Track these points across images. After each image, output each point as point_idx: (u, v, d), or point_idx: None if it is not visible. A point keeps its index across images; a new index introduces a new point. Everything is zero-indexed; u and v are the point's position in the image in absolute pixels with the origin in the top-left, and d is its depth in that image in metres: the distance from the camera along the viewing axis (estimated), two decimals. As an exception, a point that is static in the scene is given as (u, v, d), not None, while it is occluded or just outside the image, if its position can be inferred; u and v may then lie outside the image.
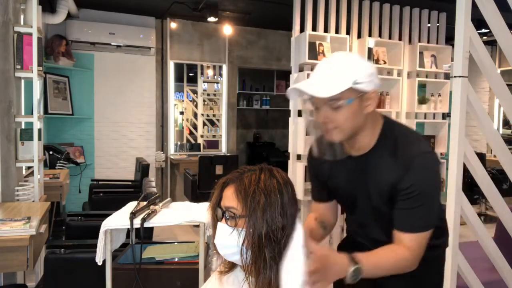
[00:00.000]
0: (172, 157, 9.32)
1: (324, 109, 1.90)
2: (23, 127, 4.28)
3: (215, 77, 10.34)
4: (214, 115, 10.26)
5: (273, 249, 1.57)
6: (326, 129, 1.95)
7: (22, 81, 4.37)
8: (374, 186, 2.04)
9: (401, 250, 1.95)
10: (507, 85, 3.25)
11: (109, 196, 6.25)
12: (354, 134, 1.99)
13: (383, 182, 1.99)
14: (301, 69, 6.29)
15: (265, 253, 1.56)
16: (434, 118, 7.23)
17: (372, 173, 2.05)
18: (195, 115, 10.45)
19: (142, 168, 7.26)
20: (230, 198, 1.62)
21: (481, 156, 8.29)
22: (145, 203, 3.19)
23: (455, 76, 2.88)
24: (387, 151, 2.00)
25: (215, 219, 1.67)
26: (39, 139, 4.21)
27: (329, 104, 1.87)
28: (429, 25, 7.09)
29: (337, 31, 6.49)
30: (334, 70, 1.88)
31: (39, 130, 4.22)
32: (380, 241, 2.06)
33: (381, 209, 2.07)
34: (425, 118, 7.20)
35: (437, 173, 1.99)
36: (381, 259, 1.94)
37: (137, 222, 2.89)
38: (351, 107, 1.88)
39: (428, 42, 7.08)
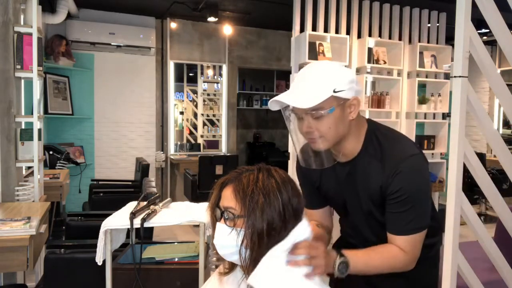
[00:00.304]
0: (172, 157, 9.33)
1: (307, 119, 1.89)
2: (23, 127, 4.28)
3: (215, 77, 10.34)
4: (214, 115, 10.26)
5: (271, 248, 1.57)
6: (311, 139, 1.95)
7: (22, 81, 4.37)
8: (363, 191, 2.05)
9: (396, 250, 1.96)
10: (507, 85, 3.25)
11: (109, 196, 6.25)
12: (339, 141, 1.98)
13: (372, 187, 2.00)
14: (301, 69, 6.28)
15: (264, 253, 1.56)
16: (434, 118, 7.23)
17: (360, 179, 2.05)
18: (195, 115, 10.46)
19: (142, 168, 7.26)
20: (228, 198, 1.61)
21: (481, 156, 8.30)
22: (145, 203, 3.19)
23: (455, 76, 2.87)
24: (373, 156, 2.01)
25: (214, 219, 1.67)
26: (39, 139, 4.21)
27: (311, 114, 1.87)
28: (429, 25, 7.09)
29: (337, 31, 6.50)
30: (313, 79, 1.88)
31: (39, 130, 4.22)
32: (372, 242, 2.08)
33: (373, 213, 2.08)
34: (425, 118, 7.20)
35: (425, 174, 2.00)
36: (373, 257, 1.96)
37: (137, 222, 2.89)
38: (333, 115, 1.88)
39: (428, 42, 7.08)
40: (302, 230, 1.65)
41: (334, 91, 1.83)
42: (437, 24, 7.16)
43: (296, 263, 1.61)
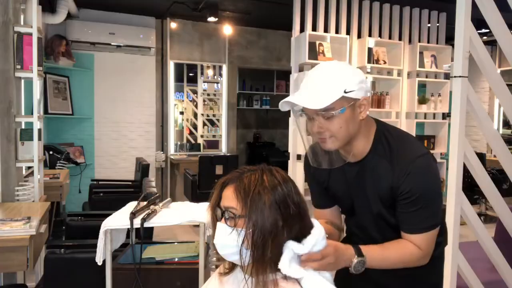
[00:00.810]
0: (172, 157, 9.33)
1: (318, 119, 1.91)
2: (23, 127, 4.28)
3: (215, 77, 10.34)
4: (214, 115, 10.26)
5: (273, 249, 1.58)
6: (322, 139, 1.96)
7: (22, 81, 4.37)
8: (373, 191, 2.06)
9: (411, 246, 1.97)
10: (507, 85, 3.25)
11: (109, 196, 6.26)
12: (349, 141, 1.99)
13: (382, 187, 2.01)
14: (301, 69, 6.31)
15: (265, 253, 1.56)
16: (434, 118, 7.25)
17: (370, 179, 2.06)
18: (195, 115, 10.44)
19: (142, 168, 7.26)
20: (229, 198, 1.62)
21: (481, 156, 8.30)
22: (145, 203, 3.19)
23: (455, 76, 2.88)
24: (382, 156, 2.01)
25: (215, 219, 1.67)
26: (39, 139, 4.21)
27: (323, 114, 1.88)
28: (429, 25, 7.10)
29: (337, 31, 6.51)
30: (324, 80, 1.89)
31: (39, 130, 4.22)
32: (379, 243, 2.06)
33: (382, 214, 2.08)
34: (425, 118, 7.22)
35: (435, 173, 2.00)
36: (388, 254, 1.98)
37: (137, 222, 2.89)
38: (344, 115, 1.89)
39: (428, 42, 7.10)
40: (318, 241, 1.68)
41: (345, 92, 1.84)
42: (437, 24, 7.17)
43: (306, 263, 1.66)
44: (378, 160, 2.02)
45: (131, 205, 3.27)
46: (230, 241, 1.59)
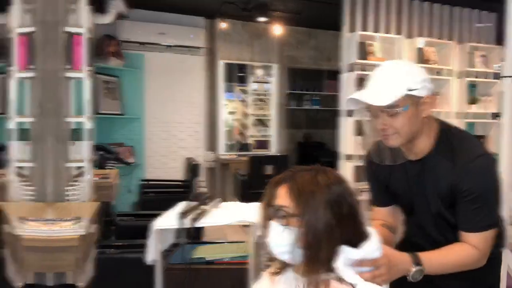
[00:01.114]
0: (221, 157, 9.36)
1: (382, 116, 1.97)
2: (73, 127, 4.32)
3: (265, 77, 10.35)
4: (264, 115, 10.29)
5: (326, 249, 1.57)
6: (385, 135, 2.01)
7: (72, 81, 4.40)
8: (433, 190, 2.09)
9: (469, 248, 1.99)
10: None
11: (159, 196, 6.31)
12: (411, 139, 2.04)
13: (442, 186, 2.04)
14: (351, 69, 6.27)
15: (318, 253, 1.56)
16: (484, 118, 7.15)
17: (430, 177, 2.09)
18: (245, 115, 10.44)
19: (192, 168, 7.29)
20: (283, 197, 1.62)
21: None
22: (195, 203, 3.21)
23: (505, 76, 2.84)
24: (444, 155, 2.05)
25: (267, 218, 1.67)
26: (90, 139, 4.24)
27: (387, 111, 1.94)
28: (479, 25, 7.02)
29: (387, 31, 6.47)
30: (388, 78, 1.95)
31: (90, 130, 4.24)
32: (439, 242, 2.10)
33: (442, 213, 2.11)
34: (475, 118, 7.12)
35: (494, 173, 2.03)
36: (447, 259, 2.00)
37: (187, 222, 2.91)
38: (407, 113, 1.95)
39: (478, 42, 7.02)
40: (373, 250, 1.68)
41: (409, 90, 1.91)
42: (488, 24, 7.09)
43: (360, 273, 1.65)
44: (439, 159, 2.06)
45: (181, 205, 3.29)
46: (282, 239, 1.59)
